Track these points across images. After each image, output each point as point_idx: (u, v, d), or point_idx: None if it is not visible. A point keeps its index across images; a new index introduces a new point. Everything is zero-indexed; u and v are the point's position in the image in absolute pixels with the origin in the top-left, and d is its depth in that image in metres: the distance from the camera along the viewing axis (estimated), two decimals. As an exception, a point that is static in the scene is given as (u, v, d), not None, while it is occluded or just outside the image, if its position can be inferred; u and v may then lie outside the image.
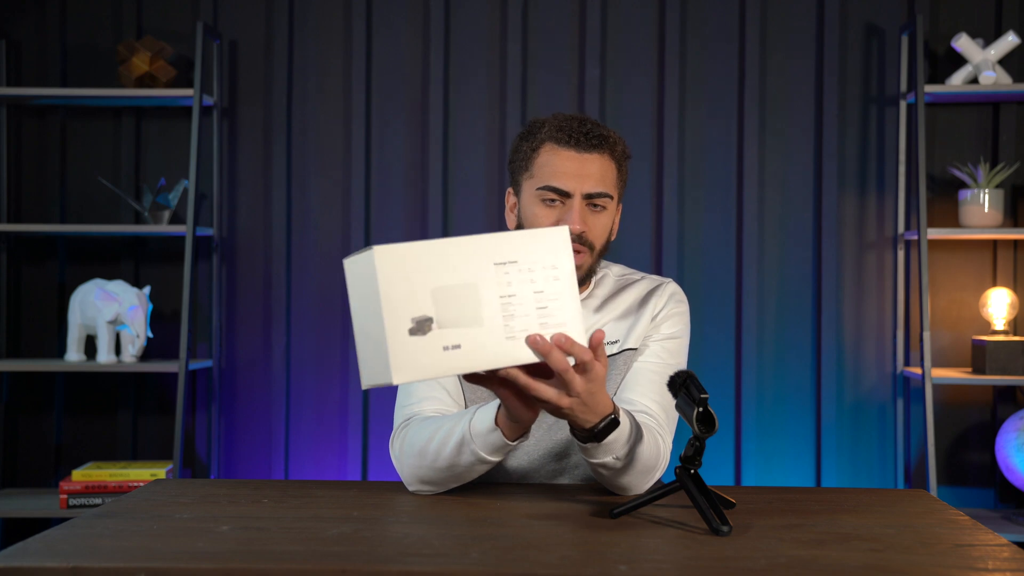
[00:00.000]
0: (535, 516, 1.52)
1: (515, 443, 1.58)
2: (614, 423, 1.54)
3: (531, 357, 1.41)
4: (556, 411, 1.48)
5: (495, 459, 1.61)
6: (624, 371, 1.84)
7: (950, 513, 1.56)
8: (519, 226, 1.83)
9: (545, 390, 1.45)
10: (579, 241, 1.77)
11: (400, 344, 1.33)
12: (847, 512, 1.55)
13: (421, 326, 1.34)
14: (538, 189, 1.78)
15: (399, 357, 1.33)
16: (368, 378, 1.39)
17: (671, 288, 1.89)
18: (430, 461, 1.65)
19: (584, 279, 1.84)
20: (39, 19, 3.47)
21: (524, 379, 1.43)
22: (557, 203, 1.77)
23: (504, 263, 1.39)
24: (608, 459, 1.57)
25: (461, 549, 1.33)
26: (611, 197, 1.79)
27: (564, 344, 1.41)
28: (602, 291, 1.90)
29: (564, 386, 1.45)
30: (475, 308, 1.37)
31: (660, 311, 1.86)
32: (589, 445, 1.56)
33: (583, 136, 1.77)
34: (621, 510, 1.50)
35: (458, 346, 1.36)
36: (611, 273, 1.93)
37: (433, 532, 1.42)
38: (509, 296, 1.40)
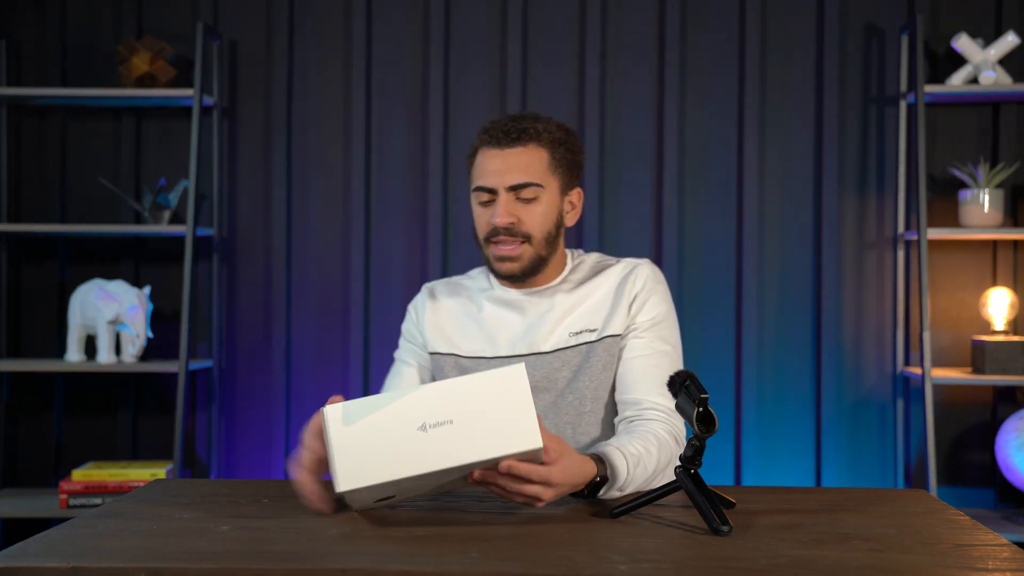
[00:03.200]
0: (535, 516, 1.52)
1: None
2: (598, 486, 1.58)
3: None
4: (534, 503, 1.51)
5: None
6: (606, 358, 1.85)
7: (950, 513, 1.56)
8: (473, 228, 1.90)
9: (528, 488, 1.47)
10: (509, 233, 1.83)
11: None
12: (847, 512, 1.55)
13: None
14: (473, 191, 1.87)
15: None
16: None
17: (645, 270, 1.90)
18: None
19: (537, 267, 1.87)
20: (39, 19, 3.47)
21: (505, 482, 1.47)
22: (489, 201, 1.84)
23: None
24: (614, 494, 1.62)
25: (461, 549, 1.33)
26: (540, 186, 1.83)
27: (513, 471, 1.44)
28: (578, 276, 1.92)
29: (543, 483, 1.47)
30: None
31: (637, 295, 1.87)
32: (590, 498, 1.61)
33: (503, 134, 1.84)
34: (621, 510, 1.50)
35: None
36: (589, 260, 1.96)
37: (433, 532, 1.42)
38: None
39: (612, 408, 1.89)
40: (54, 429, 3.47)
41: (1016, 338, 3.15)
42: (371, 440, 1.45)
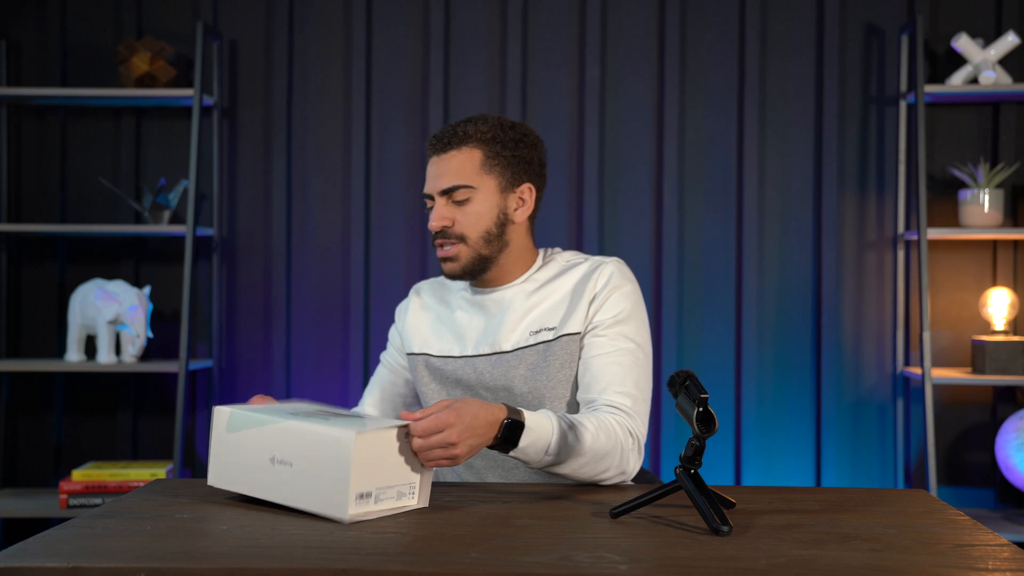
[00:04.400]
0: (535, 516, 1.52)
1: None
2: (513, 425, 1.60)
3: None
4: (456, 454, 1.55)
5: None
6: (563, 356, 1.85)
7: (950, 513, 1.56)
8: None
9: (434, 439, 1.53)
10: (444, 236, 1.86)
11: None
12: (847, 512, 1.55)
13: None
14: (422, 198, 1.92)
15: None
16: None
17: (609, 268, 1.88)
18: None
19: (482, 266, 1.88)
20: (39, 19, 3.47)
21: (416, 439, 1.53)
22: (432, 207, 1.89)
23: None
24: (540, 455, 1.64)
25: (461, 549, 1.33)
26: (470, 187, 1.85)
27: (421, 432, 1.52)
28: (544, 274, 1.92)
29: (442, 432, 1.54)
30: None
31: (598, 293, 1.86)
32: (512, 452, 1.63)
33: (438, 140, 1.88)
34: (621, 510, 1.50)
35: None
36: (560, 259, 1.95)
37: (433, 532, 1.42)
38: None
39: (576, 408, 1.88)
40: (54, 429, 3.47)
41: (1016, 338, 3.15)
42: (237, 453, 1.59)
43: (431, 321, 1.97)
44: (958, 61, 3.32)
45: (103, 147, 3.48)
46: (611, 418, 1.74)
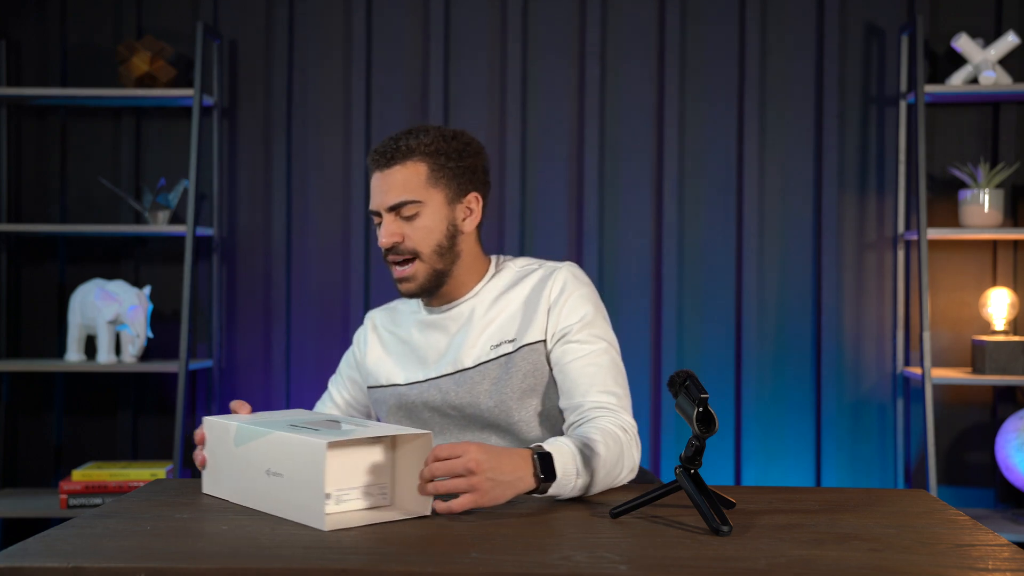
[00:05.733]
0: (535, 516, 1.52)
1: None
2: (545, 456, 1.55)
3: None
4: (477, 486, 1.50)
5: None
6: (525, 367, 1.83)
7: (950, 513, 1.56)
8: None
9: (456, 483, 1.49)
10: (395, 252, 1.84)
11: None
12: (847, 512, 1.55)
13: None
14: (369, 214, 1.91)
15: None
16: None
17: (563, 274, 1.87)
18: None
19: (438, 282, 1.87)
20: (39, 19, 3.47)
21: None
22: (380, 223, 1.86)
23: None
24: (575, 483, 1.59)
25: (461, 549, 1.33)
26: (418, 201, 1.83)
27: (435, 473, 1.48)
28: (499, 284, 1.91)
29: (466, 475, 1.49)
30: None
31: (555, 300, 1.84)
32: (551, 489, 1.57)
33: (381, 155, 1.85)
34: (621, 510, 1.50)
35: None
36: (512, 267, 1.94)
37: (433, 532, 1.42)
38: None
39: (550, 417, 1.86)
40: (54, 429, 3.47)
41: (1016, 338, 3.15)
42: (232, 464, 1.61)
43: (392, 351, 1.97)
44: (958, 61, 3.32)
45: (103, 147, 3.48)
46: (604, 421, 1.73)
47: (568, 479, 1.57)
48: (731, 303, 3.37)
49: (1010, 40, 3.20)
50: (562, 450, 1.58)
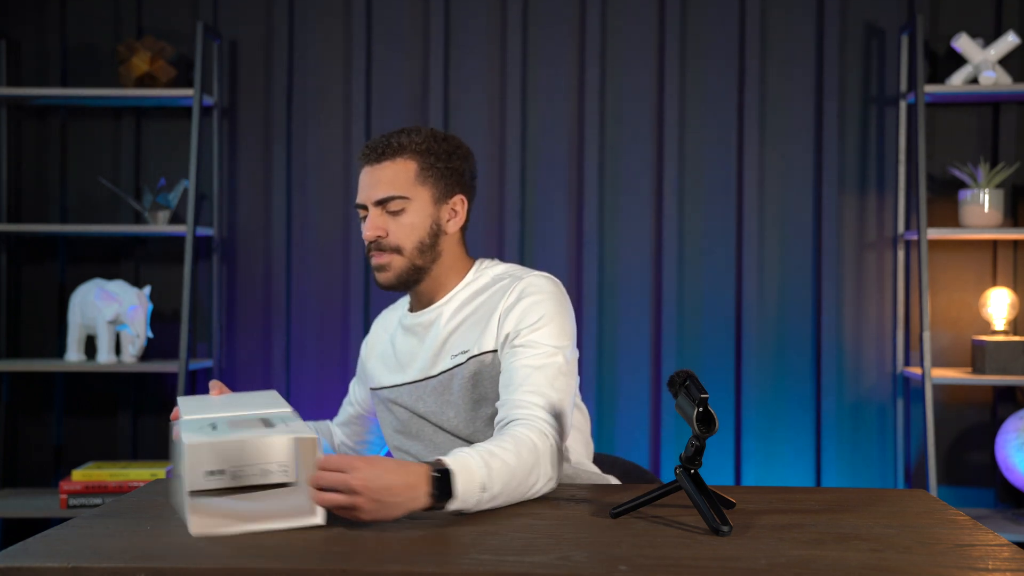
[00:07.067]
0: (535, 516, 1.52)
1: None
2: (444, 476, 1.48)
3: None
4: (361, 506, 1.44)
5: None
6: (477, 377, 1.82)
7: (950, 513, 1.56)
8: None
9: (334, 498, 1.43)
10: (379, 247, 1.86)
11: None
12: (847, 512, 1.55)
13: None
14: (355, 208, 1.93)
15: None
16: None
17: (524, 283, 1.83)
18: None
19: (415, 277, 1.87)
20: (39, 19, 3.47)
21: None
22: (365, 217, 1.87)
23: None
24: (480, 498, 1.52)
25: (461, 549, 1.33)
26: (405, 198, 1.84)
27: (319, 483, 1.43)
28: (469, 291, 1.90)
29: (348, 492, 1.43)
30: None
31: (509, 307, 1.82)
32: (451, 506, 1.50)
33: (372, 150, 1.87)
34: (621, 510, 1.50)
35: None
36: (491, 272, 1.92)
37: (433, 532, 1.42)
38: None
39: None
40: (54, 429, 3.47)
41: (1016, 338, 3.15)
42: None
43: (382, 352, 2.00)
44: (958, 61, 3.32)
45: (103, 147, 3.48)
46: (522, 427, 1.66)
47: (470, 495, 1.51)
48: (731, 303, 3.37)
49: (1010, 40, 3.20)
50: (467, 465, 1.51)
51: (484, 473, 1.53)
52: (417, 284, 1.89)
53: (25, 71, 3.48)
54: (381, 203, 1.85)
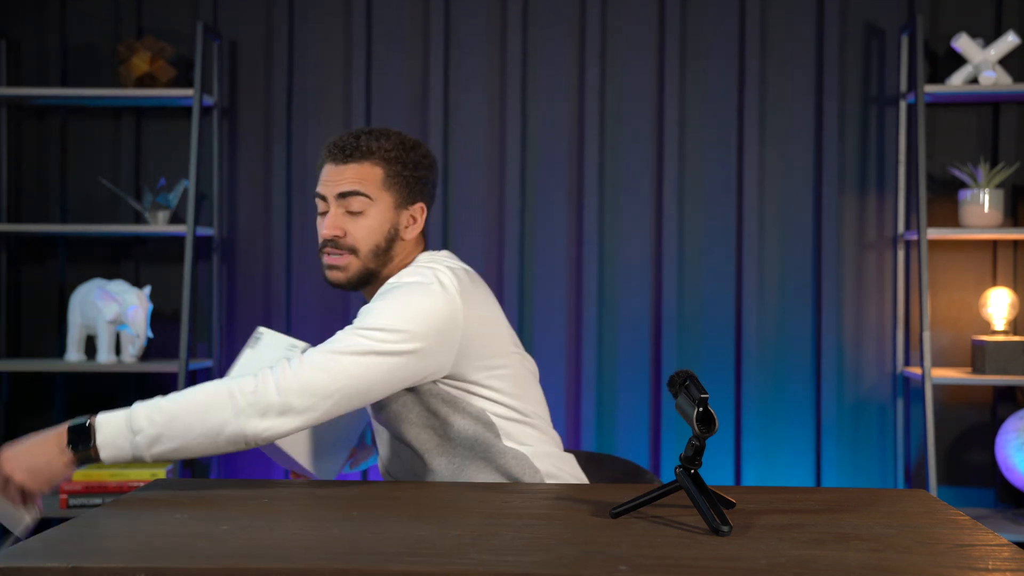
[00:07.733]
0: (535, 516, 1.52)
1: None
2: (80, 425, 1.65)
3: None
4: (24, 482, 1.62)
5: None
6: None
7: (950, 513, 1.56)
8: None
9: None
10: (335, 246, 1.87)
11: None
12: (847, 512, 1.55)
13: None
14: (314, 199, 1.93)
15: None
16: None
17: (396, 279, 1.81)
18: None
19: (365, 280, 1.87)
20: (39, 19, 3.47)
21: None
22: (324, 212, 1.90)
23: None
24: (135, 441, 1.67)
25: (461, 549, 1.33)
26: (368, 197, 1.85)
27: None
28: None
29: None
30: None
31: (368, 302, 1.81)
32: (104, 454, 1.66)
33: (339, 150, 1.88)
34: (621, 510, 1.50)
35: None
36: (411, 267, 1.87)
37: (433, 532, 1.42)
38: None
39: (430, 433, 1.82)
40: (54, 429, 3.47)
41: (1016, 338, 3.15)
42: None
43: None
44: (958, 61, 3.32)
45: (103, 147, 3.48)
46: (237, 381, 1.67)
47: (119, 438, 1.66)
48: (731, 303, 3.37)
49: (1010, 40, 3.20)
50: (113, 412, 1.68)
51: (139, 414, 1.68)
52: (366, 286, 1.90)
53: (25, 71, 3.48)
54: (344, 196, 1.86)
